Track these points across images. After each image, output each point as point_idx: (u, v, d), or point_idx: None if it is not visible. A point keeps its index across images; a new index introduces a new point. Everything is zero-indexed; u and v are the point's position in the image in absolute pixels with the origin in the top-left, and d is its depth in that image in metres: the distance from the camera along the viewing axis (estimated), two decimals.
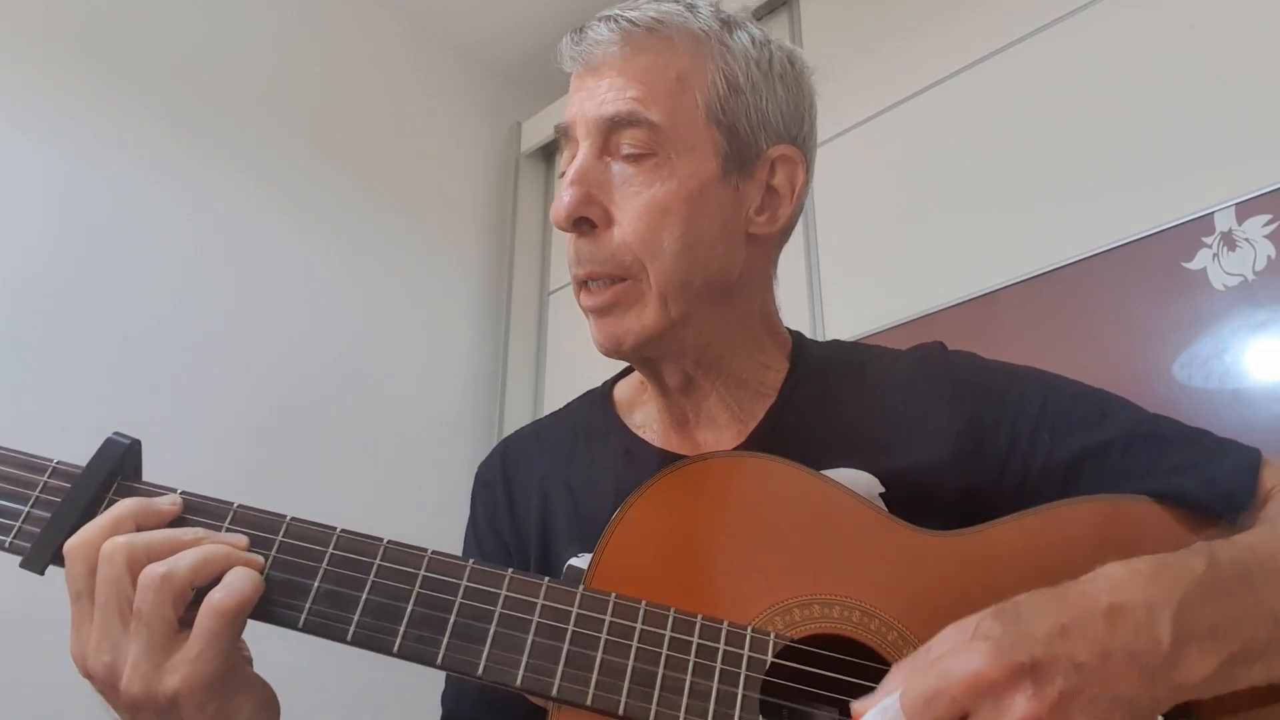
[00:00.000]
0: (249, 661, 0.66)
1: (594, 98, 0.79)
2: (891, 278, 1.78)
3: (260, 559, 0.64)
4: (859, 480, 0.77)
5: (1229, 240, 1.38)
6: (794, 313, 1.96)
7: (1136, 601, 0.56)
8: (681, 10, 0.82)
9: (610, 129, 0.78)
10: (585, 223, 0.78)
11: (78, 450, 0.68)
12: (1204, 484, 0.72)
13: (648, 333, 0.78)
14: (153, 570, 0.59)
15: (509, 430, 2.30)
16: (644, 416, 0.89)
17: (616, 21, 0.80)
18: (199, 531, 0.63)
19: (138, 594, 0.59)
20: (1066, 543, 0.70)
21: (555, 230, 2.85)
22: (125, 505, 0.63)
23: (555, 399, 2.37)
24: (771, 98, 0.83)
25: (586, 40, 0.81)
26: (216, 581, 0.61)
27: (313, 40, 2.35)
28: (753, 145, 0.81)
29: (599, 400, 0.94)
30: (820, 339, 1.82)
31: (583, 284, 0.80)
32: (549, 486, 0.88)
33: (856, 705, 0.57)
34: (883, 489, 0.77)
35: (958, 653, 0.53)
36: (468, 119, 2.66)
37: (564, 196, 0.77)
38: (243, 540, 0.64)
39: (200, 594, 0.60)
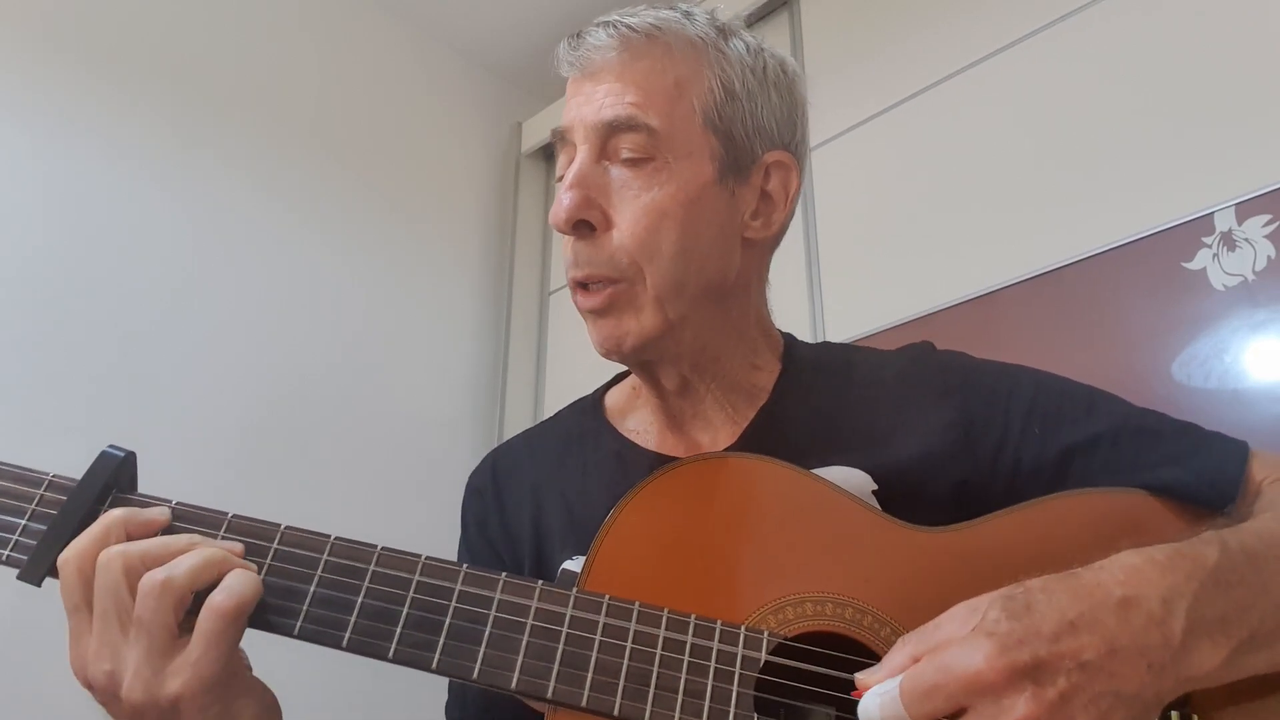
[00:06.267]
0: (248, 669, 0.66)
1: (592, 102, 0.79)
2: (891, 278, 1.78)
3: (254, 565, 0.64)
4: (852, 478, 0.77)
5: (1229, 240, 1.38)
6: (794, 313, 1.96)
7: (1150, 593, 0.55)
8: (679, 17, 0.83)
9: (609, 133, 0.79)
10: (584, 225, 0.78)
11: (78, 451, 0.69)
12: (1193, 475, 0.73)
13: (646, 335, 0.79)
14: (152, 577, 0.60)
15: (509, 430, 2.31)
16: (637, 421, 0.90)
17: (615, 27, 0.81)
18: (193, 537, 0.64)
19: (138, 601, 0.59)
20: (1059, 536, 0.71)
21: (555, 231, 2.86)
22: (114, 515, 0.63)
23: (555, 399, 2.38)
24: (766, 104, 0.83)
25: (585, 46, 0.81)
26: (214, 586, 0.61)
27: (313, 41, 2.35)
28: (748, 151, 0.82)
29: (589, 407, 0.95)
30: (820, 339, 1.82)
31: (580, 286, 0.81)
32: (541, 492, 0.89)
33: (861, 676, 0.57)
34: (875, 486, 0.78)
35: (962, 645, 0.53)
36: (468, 119, 2.67)
37: (563, 199, 0.78)
38: (238, 547, 0.65)
39: (199, 599, 0.61)
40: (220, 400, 1.91)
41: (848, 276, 1.86)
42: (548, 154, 2.72)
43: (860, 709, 0.56)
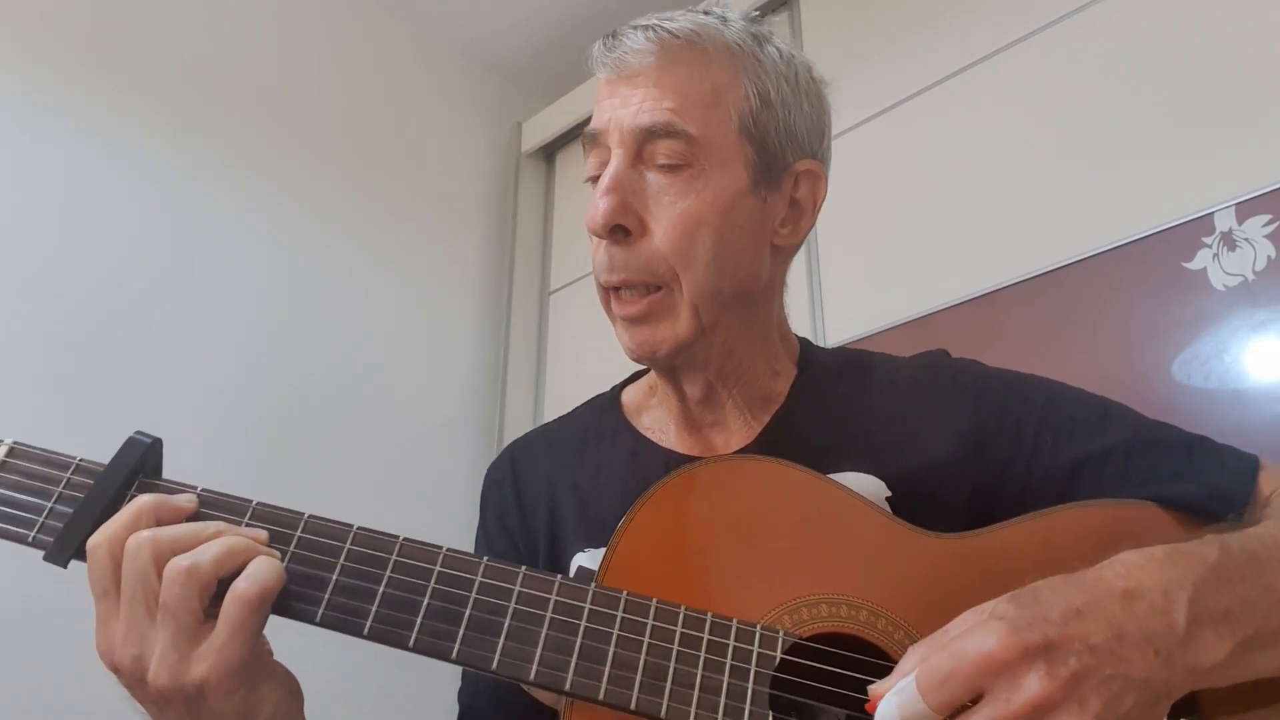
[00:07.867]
0: (271, 654, 0.67)
1: (629, 106, 0.79)
2: (892, 277, 1.79)
3: (279, 553, 0.65)
4: (866, 484, 0.78)
5: (1229, 240, 1.39)
6: (794, 313, 1.94)
7: (1151, 585, 0.57)
8: (716, 23, 0.82)
9: (645, 139, 0.78)
10: (620, 230, 0.79)
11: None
12: (1203, 488, 0.74)
13: (681, 341, 0.80)
14: (178, 563, 0.60)
15: (509, 430, 2.31)
16: (653, 419, 0.91)
17: (655, 31, 0.80)
18: (220, 525, 0.64)
19: (164, 586, 0.60)
20: (1070, 546, 0.71)
21: (555, 230, 2.85)
22: (144, 500, 0.64)
23: (555, 399, 2.38)
24: (799, 113, 0.84)
25: (622, 47, 0.81)
26: (239, 572, 0.62)
27: (314, 41, 2.35)
28: (780, 159, 0.82)
29: (607, 404, 0.95)
30: (820, 339, 1.83)
31: (611, 291, 0.81)
32: (557, 486, 0.89)
33: (874, 687, 0.57)
34: (889, 493, 0.78)
35: (973, 630, 0.54)
36: (468, 119, 2.67)
37: (600, 204, 0.78)
38: (263, 534, 0.65)
39: (224, 585, 0.61)
40: (220, 400, 1.90)
41: (848, 276, 1.86)
42: (548, 154, 2.72)
43: (878, 714, 0.56)
